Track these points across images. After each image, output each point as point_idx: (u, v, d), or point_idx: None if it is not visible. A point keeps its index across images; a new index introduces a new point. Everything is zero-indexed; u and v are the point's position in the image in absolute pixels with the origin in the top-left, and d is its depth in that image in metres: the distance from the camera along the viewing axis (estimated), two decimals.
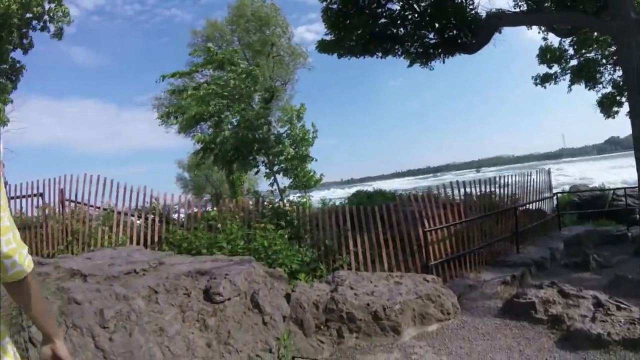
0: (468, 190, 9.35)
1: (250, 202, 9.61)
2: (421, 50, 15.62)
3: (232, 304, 4.80)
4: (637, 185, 9.99)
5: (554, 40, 18.36)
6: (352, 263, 7.99)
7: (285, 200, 10.52)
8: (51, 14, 18.99)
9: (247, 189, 26.81)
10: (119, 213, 9.25)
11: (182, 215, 9.77)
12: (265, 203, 9.72)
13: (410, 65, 16.06)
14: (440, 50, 15.47)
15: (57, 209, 9.47)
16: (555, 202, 13.33)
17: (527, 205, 11.60)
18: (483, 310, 6.71)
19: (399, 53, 15.81)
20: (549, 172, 13.22)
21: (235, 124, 13.19)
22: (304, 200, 10.72)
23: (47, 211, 9.33)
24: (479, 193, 9.67)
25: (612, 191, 15.69)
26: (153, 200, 9.43)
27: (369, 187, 22.91)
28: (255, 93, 13.21)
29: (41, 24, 19.02)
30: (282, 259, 7.31)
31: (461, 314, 6.46)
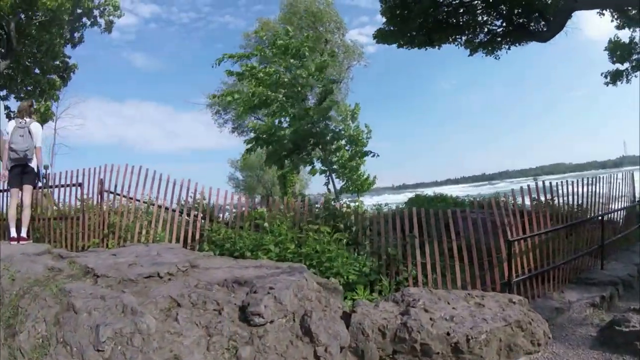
0: (535, 194, 7.85)
1: (301, 202, 8.51)
2: (487, 38, 14.65)
3: (276, 329, 3.70)
4: None
5: (623, 36, 17.04)
6: (418, 277, 6.81)
7: (341, 202, 9.41)
8: (101, 8, 19.17)
9: (298, 191, 26.15)
10: (159, 207, 8.65)
11: (227, 214, 8.91)
12: (318, 204, 8.67)
13: (471, 54, 15.42)
14: (508, 38, 14.45)
15: (95, 200, 8.95)
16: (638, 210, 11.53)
17: (612, 215, 9.98)
18: (575, 339, 5.58)
19: (462, 42, 14.88)
20: (632, 176, 11.50)
21: (292, 116, 12.26)
22: (358, 204, 9.62)
23: (84, 202, 8.80)
24: (550, 199, 8.12)
25: None
26: (198, 195, 8.73)
27: (423, 192, 21.66)
28: (318, 83, 12.20)
29: (91, 19, 19.26)
30: (338, 268, 6.23)
31: (551, 345, 5.28)
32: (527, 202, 7.75)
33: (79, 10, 18.34)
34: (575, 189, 8.40)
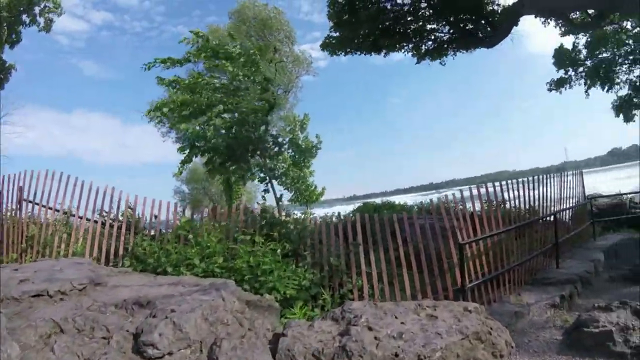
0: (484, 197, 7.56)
1: (236, 210, 7.76)
2: (434, 45, 14.59)
3: None
4: None
5: (567, 44, 18.09)
6: (364, 287, 6.24)
7: (281, 210, 8.74)
8: (41, 5, 18.25)
9: (244, 203, 25.30)
10: (80, 218, 7.89)
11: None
12: (254, 209, 7.98)
13: (418, 62, 15.40)
14: (455, 45, 14.43)
15: (14, 211, 8.32)
16: (589, 208, 11.74)
17: (564, 213, 9.95)
18: (539, 345, 5.26)
19: (409, 49, 14.70)
20: (581, 175, 11.55)
21: (229, 120, 11.45)
22: (306, 214, 8.99)
23: (2, 213, 8.22)
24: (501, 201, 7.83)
25: (629, 199, 14.37)
26: (123, 204, 7.94)
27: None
28: (254, 84, 11.45)
29: (31, 17, 18.31)
30: (273, 282, 5.57)
31: (515, 354, 4.94)
32: (478, 206, 7.41)
33: (20, 8, 17.30)
34: (527, 190, 8.16)
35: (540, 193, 8.49)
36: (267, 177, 11.94)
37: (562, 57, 17.99)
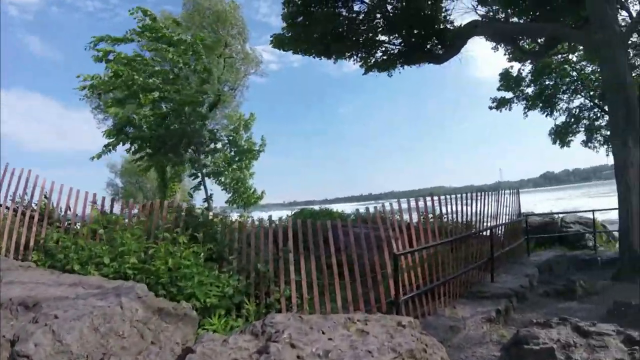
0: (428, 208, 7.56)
1: (159, 205, 7.14)
2: (384, 57, 14.56)
3: None
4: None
5: (513, 71, 18.87)
6: (292, 297, 5.89)
7: (211, 209, 8.24)
8: None
9: (178, 201, 24.41)
10: None
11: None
12: (182, 205, 7.46)
13: (366, 73, 15.35)
14: (403, 58, 14.47)
15: None
16: (524, 225, 12.03)
17: (499, 228, 10.04)
18: None
19: (358, 58, 14.87)
20: (518, 193, 11.80)
21: (164, 109, 10.78)
22: (244, 217, 8.56)
23: None
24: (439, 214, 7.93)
25: (560, 218, 14.90)
26: (38, 189, 7.24)
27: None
28: (195, 74, 10.85)
29: None
30: (193, 289, 5.07)
31: None
32: (415, 218, 7.28)
33: None
34: (464, 206, 8.15)
35: (477, 208, 8.55)
36: (199, 174, 11.36)
37: (508, 79, 18.77)
